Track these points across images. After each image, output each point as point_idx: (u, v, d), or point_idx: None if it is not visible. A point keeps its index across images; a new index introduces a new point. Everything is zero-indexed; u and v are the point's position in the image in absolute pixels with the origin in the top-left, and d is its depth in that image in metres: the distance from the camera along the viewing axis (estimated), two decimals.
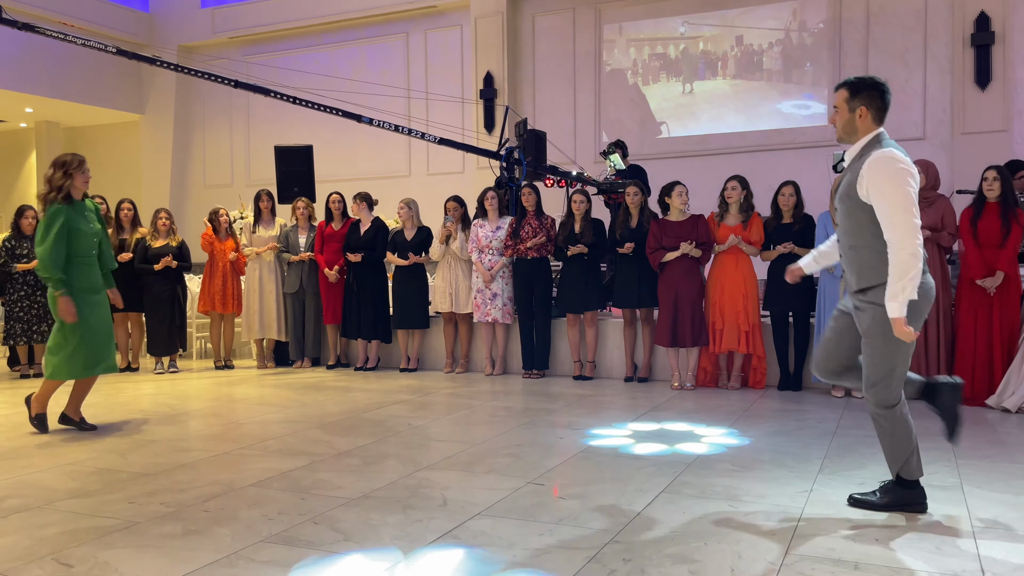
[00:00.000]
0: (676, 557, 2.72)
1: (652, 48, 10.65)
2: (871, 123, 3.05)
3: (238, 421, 5.19)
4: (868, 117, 3.06)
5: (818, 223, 5.94)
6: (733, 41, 10.27)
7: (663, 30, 10.57)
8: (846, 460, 4.00)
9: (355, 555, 2.77)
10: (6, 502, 3.41)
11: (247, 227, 7.98)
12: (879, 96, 3.06)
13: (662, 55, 10.61)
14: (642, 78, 10.70)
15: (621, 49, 10.78)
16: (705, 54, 10.42)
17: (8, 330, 7.37)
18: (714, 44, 10.37)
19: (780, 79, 10.10)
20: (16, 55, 11.11)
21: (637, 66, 10.72)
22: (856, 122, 3.08)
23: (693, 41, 10.47)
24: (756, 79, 10.19)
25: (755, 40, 10.20)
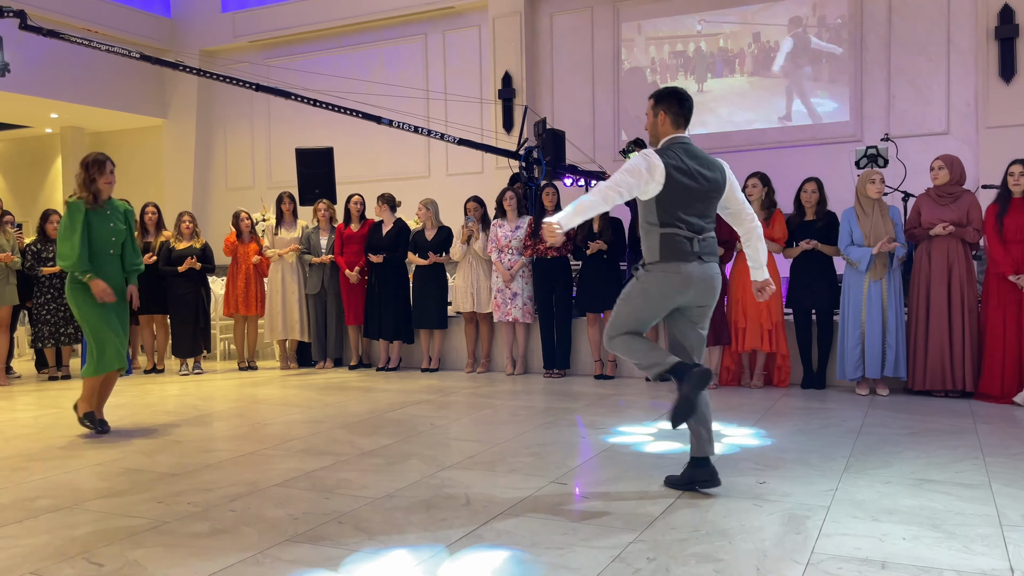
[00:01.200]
0: (701, 556, 2.71)
1: (671, 45, 10.61)
2: (670, 127, 3.44)
3: (262, 422, 5.24)
4: (668, 122, 3.44)
5: (842, 221, 5.88)
6: (751, 38, 10.21)
7: (682, 28, 10.53)
8: (871, 459, 3.96)
9: (379, 553, 2.79)
10: (37, 502, 3.46)
11: (269, 229, 8.05)
12: (677, 104, 3.43)
13: (681, 52, 10.57)
14: (661, 75, 10.66)
15: (640, 47, 10.75)
16: (723, 51, 10.36)
17: (36, 333, 7.48)
18: (733, 41, 10.31)
19: (800, 75, 10.02)
20: (41, 62, 11.28)
21: (656, 64, 10.68)
22: (658, 127, 3.47)
23: (711, 39, 10.42)
24: (775, 75, 10.12)
25: (773, 36, 10.13)
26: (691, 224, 3.33)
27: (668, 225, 3.33)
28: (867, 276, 5.73)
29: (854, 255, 5.74)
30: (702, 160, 3.39)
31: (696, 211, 3.35)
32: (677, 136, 3.43)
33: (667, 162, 3.29)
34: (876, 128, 9.39)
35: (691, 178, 3.32)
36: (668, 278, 3.34)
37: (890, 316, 5.71)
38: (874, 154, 6.87)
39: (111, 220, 4.87)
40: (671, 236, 3.32)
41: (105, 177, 4.80)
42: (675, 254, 3.32)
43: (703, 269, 3.35)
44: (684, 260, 3.32)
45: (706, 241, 3.38)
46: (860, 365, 5.77)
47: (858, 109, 9.72)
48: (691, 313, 3.44)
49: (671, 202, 3.31)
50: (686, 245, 3.32)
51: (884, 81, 9.62)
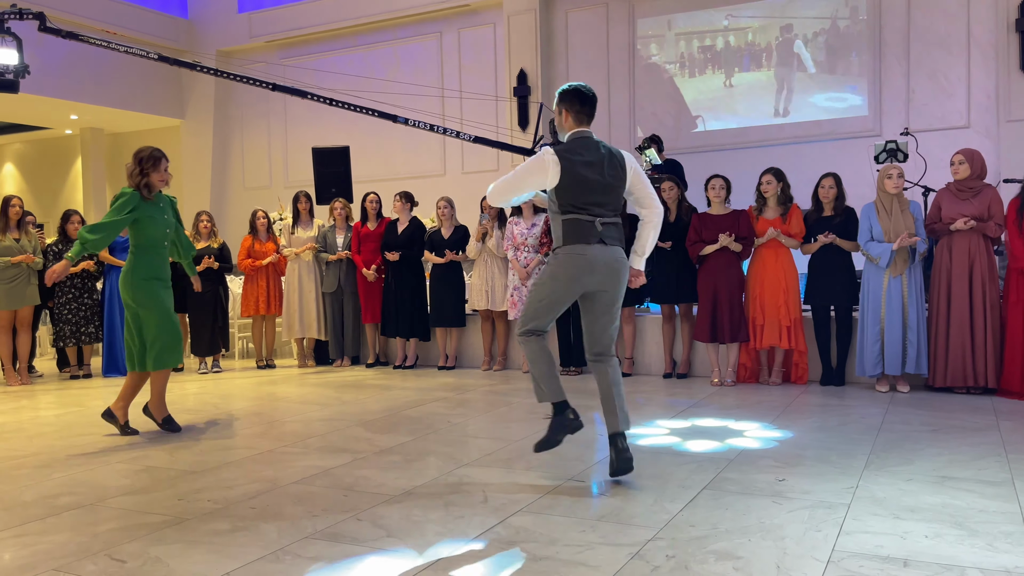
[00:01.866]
0: (720, 554, 2.70)
1: (688, 41, 10.55)
2: (573, 123, 3.64)
3: (281, 420, 5.27)
4: (570, 119, 3.64)
5: (862, 216, 5.83)
6: (778, 32, 10.14)
7: (700, 23, 10.47)
8: (892, 455, 3.93)
9: (398, 550, 2.80)
10: (60, 500, 3.50)
11: (286, 228, 8.09)
12: (578, 102, 3.62)
13: (699, 48, 10.51)
14: (678, 71, 10.61)
15: (657, 43, 10.70)
16: (743, 46, 10.29)
17: (57, 332, 7.56)
18: (754, 35, 10.24)
19: (821, 68, 9.94)
20: (61, 64, 11.39)
21: (672, 60, 10.63)
22: (563, 123, 3.67)
23: (730, 33, 10.36)
24: (796, 69, 10.04)
25: (796, 31, 10.05)
26: (591, 211, 3.52)
27: (569, 212, 3.54)
28: (887, 272, 5.68)
29: (874, 251, 5.69)
30: (603, 152, 3.59)
31: (596, 200, 3.54)
32: (579, 131, 3.63)
33: (562, 155, 3.52)
34: (895, 122, 9.30)
35: (588, 168, 3.53)
36: (572, 260, 3.52)
37: (910, 312, 5.65)
38: (893, 148, 6.80)
39: (163, 212, 4.85)
40: (573, 221, 3.53)
41: (159, 174, 4.76)
42: (577, 237, 3.52)
43: (606, 252, 3.53)
44: (586, 242, 3.51)
45: (607, 226, 3.55)
46: (880, 361, 5.72)
47: (877, 103, 9.63)
48: (599, 299, 3.60)
49: (570, 191, 3.52)
50: (588, 228, 3.51)
51: (903, 75, 9.52)
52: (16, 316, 7.24)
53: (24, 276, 7.20)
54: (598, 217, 3.52)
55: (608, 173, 3.56)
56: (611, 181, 3.56)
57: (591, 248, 3.51)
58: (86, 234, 4.61)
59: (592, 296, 3.60)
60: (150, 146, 4.87)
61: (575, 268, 3.52)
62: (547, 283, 3.59)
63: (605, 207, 3.55)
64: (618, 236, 3.59)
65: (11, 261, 7.08)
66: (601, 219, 3.52)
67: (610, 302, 3.60)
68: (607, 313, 3.62)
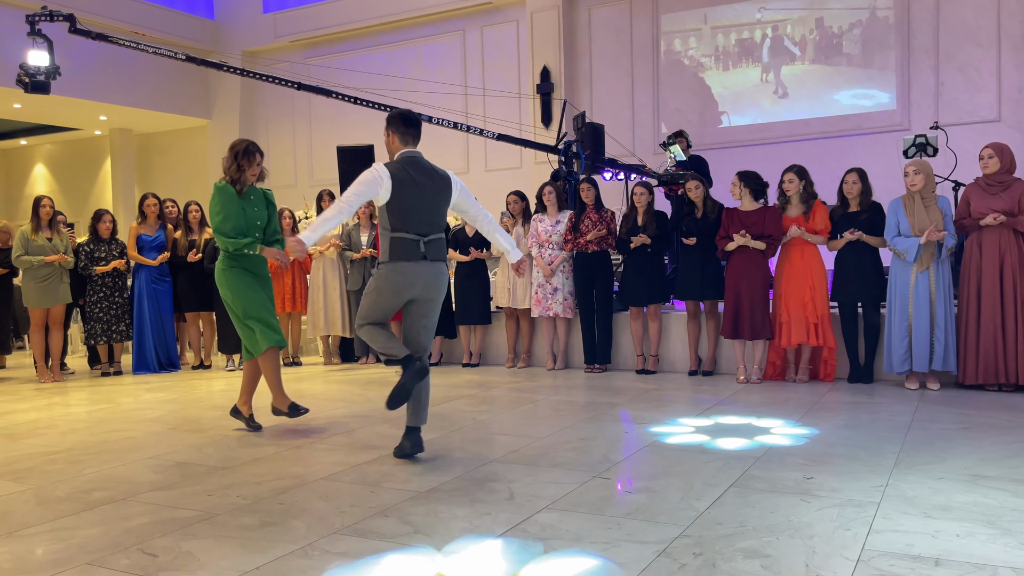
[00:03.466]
0: (748, 552, 2.68)
1: (713, 36, 10.48)
2: (399, 144, 3.94)
3: (307, 416, 5.30)
4: (396, 140, 3.94)
5: (889, 211, 5.76)
6: (813, 25, 10.04)
7: (734, 17, 10.39)
8: (922, 454, 3.88)
9: (425, 547, 2.81)
10: (93, 494, 3.56)
11: None
12: (403, 125, 3.94)
13: (736, 41, 10.43)
14: (703, 67, 10.54)
15: (682, 38, 10.64)
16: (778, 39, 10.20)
17: (88, 330, 7.68)
18: (776, 30, 10.15)
19: (849, 63, 9.83)
20: (90, 66, 11.55)
21: (708, 53, 10.55)
22: (391, 144, 3.96)
23: (767, 26, 10.28)
24: (819, 63, 9.94)
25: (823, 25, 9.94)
26: (417, 228, 3.82)
27: (397, 230, 3.82)
28: (914, 267, 5.60)
29: (901, 246, 5.62)
30: (428, 172, 3.90)
31: (422, 217, 3.84)
32: (406, 151, 3.92)
33: (392, 173, 3.79)
34: (925, 116, 9.17)
35: (415, 187, 3.82)
36: (396, 276, 3.83)
37: (938, 308, 5.58)
38: (923, 143, 6.70)
39: (255, 205, 4.83)
40: (399, 239, 3.82)
41: (252, 169, 4.77)
42: (402, 255, 3.81)
43: (429, 267, 3.86)
44: (410, 259, 3.82)
45: (432, 243, 3.86)
46: (907, 359, 5.65)
47: (906, 97, 9.50)
48: (419, 306, 3.92)
49: (398, 209, 3.81)
50: (412, 247, 3.81)
51: (932, 68, 9.39)
52: (49, 314, 7.36)
53: (56, 275, 7.32)
54: (423, 237, 3.83)
55: (433, 192, 3.88)
56: (437, 199, 3.89)
57: (415, 265, 3.82)
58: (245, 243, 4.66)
59: (416, 303, 3.91)
60: (245, 139, 4.87)
61: (397, 283, 3.84)
62: (373, 293, 3.89)
63: (431, 225, 3.87)
64: (441, 252, 3.91)
65: (44, 260, 7.20)
66: (425, 238, 3.83)
67: (427, 310, 3.93)
68: (424, 318, 3.94)
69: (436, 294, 3.93)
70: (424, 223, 3.85)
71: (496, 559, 2.69)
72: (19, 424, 5.28)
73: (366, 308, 3.93)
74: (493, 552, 2.75)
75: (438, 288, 3.93)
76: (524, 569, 2.59)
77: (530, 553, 2.73)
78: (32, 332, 7.43)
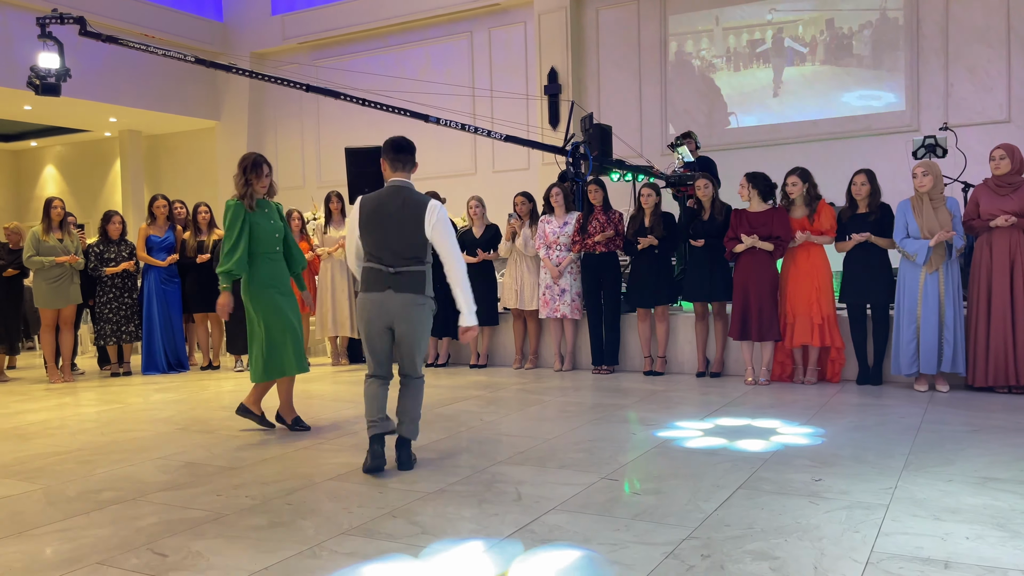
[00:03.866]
0: (756, 554, 2.68)
1: (723, 37, 10.46)
2: (390, 172, 3.95)
3: (315, 417, 5.32)
4: (387, 168, 3.95)
5: (897, 213, 5.74)
6: (823, 26, 10.01)
7: (744, 18, 10.37)
8: (932, 456, 3.87)
9: (432, 547, 2.82)
10: (103, 494, 3.58)
11: (319, 228, 8.18)
12: (392, 152, 3.94)
13: (734, 44, 10.42)
14: (712, 67, 10.53)
15: (693, 38, 10.62)
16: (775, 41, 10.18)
17: (98, 331, 7.72)
18: (785, 31, 10.13)
19: (857, 63, 9.80)
20: (100, 68, 11.61)
21: (708, 56, 10.54)
22: (383, 173, 3.97)
23: (764, 28, 10.26)
24: (829, 64, 9.91)
25: (833, 26, 9.92)
26: (384, 259, 3.82)
27: (369, 260, 3.88)
28: (923, 269, 5.58)
29: (910, 248, 5.60)
30: (403, 202, 3.84)
31: (392, 247, 3.81)
32: (393, 179, 3.93)
33: (363, 203, 3.89)
34: (934, 117, 9.13)
35: (384, 217, 3.82)
36: (365, 305, 3.86)
37: (947, 310, 5.55)
38: (932, 144, 6.68)
39: (270, 218, 4.79)
40: (368, 269, 3.87)
41: (261, 181, 4.74)
42: (371, 285, 3.85)
43: (396, 298, 3.81)
44: (378, 290, 3.82)
45: (400, 275, 3.81)
46: (916, 360, 5.63)
47: (915, 98, 9.47)
48: (397, 334, 3.88)
49: (368, 238, 3.86)
50: (380, 277, 3.82)
51: (942, 69, 9.35)
52: (59, 315, 7.41)
53: (67, 276, 7.36)
54: (390, 266, 3.80)
55: (404, 222, 3.82)
56: (407, 231, 3.82)
57: (380, 295, 3.82)
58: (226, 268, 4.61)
59: (393, 332, 3.88)
60: (253, 153, 4.86)
61: (368, 312, 3.85)
62: (358, 325, 3.99)
63: (400, 256, 3.81)
64: (413, 283, 3.83)
65: (54, 261, 7.24)
66: (393, 268, 3.80)
67: (404, 336, 3.87)
68: (403, 345, 3.89)
69: (407, 325, 3.83)
70: (393, 253, 3.81)
71: (505, 560, 2.69)
72: (30, 424, 5.32)
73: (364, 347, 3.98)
74: (502, 553, 2.75)
75: (407, 319, 3.83)
76: (529, 568, 2.59)
77: (539, 554, 2.73)
78: (43, 332, 7.47)
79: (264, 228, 4.72)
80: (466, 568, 2.64)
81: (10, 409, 5.94)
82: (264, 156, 4.88)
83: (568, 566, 2.62)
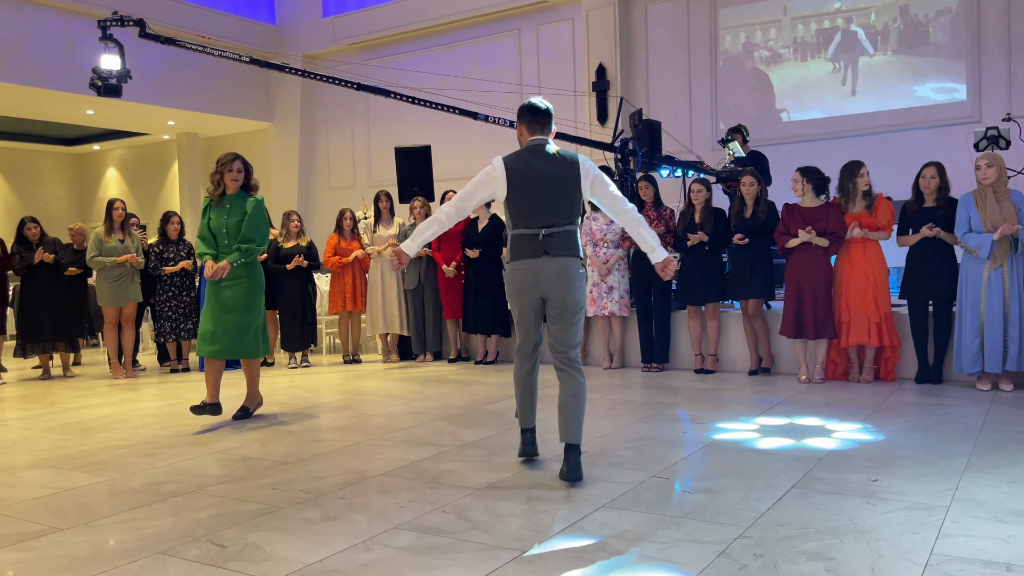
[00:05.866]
0: (810, 554, 2.63)
1: (766, 31, 10.28)
2: (527, 134, 3.67)
3: (367, 413, 5.40)
4: (524, 132, 3.68)
5: (959, 206, 5.57)
6: (897, 13, 9.77)
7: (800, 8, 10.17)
8: (995, 457, 3.75)
9: (482, 543, 2.84)
10: (164, 487, 3.69)
11: (368, 227, 8.29)
12: (529, 114, 3.66)
13: (794, 35, 10.22)
14: (765, 60, 10.35)
15: (747, 31, 10.45)
16: (840, 31, 9.96)
17: (158, 328, 7.95)
18: (831, 21, 9.91)
19: (915, 52, 9.53)
20: (159, 73, 11.94)
21: (762, 48, 10.36)
22: (520, 138, 3.70)
23: (833, 16, 10.04)
24: (902, 54, 9.66)
25: (907, 13, 9.66)
26: (539, 219, 3.51)
27: (516, 226, 3.59)
28: (987, 264, 5.41)
29: (973, 242, 5.43)
30: (551, 158, 3.55)
31: (543, 208, 3.52)
32: (532, 139, 3.63)
33: (508, 165, 3.56)
34: (996, 108, 8.83)
35: (533, 176, 3.52)
36: (517, 275, 3.58)
37: (1012, 306, 5.37)
38: (995, 135, 6.46)
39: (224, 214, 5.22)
40: (517, 236, 3.58)
41: (231, 175, 5.17)
42: (522, 251, 3.56)
43: (551, 263, 3.51)
44: (532, 256, 3.53)
45: (554, 237, 3.51)
46: (979, 359, 5.46)
47: (976, 88, 9.17)
48: (551, 306, 3.58)
49: (516, 201, 3.56)
50: (532, 242, 3.51)
51: (1004, 57, 9.03)
52: (121, 313, 7.64)
53: (128, 275, 7.59)
54: (543, 228, 3.51)
55: (556, 178, 3.53)
56: (561, 187, 3.53)
57: (535, 262, 3.53)
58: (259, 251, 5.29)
59: (548, 304, 3.60)
60: (229, 152, 5.31)
61: (521, 283, 3.59)
62: (509, 300, 3.73)
63: (553, 215, 3.52)
64: (569, 245, 3.54)
65: (116, 261, 7.47)
66: (546, 230, 3.51)
67: (562, 308, 3.56)
68: (558, 320, 3.58)
69: (565, 292, 3.53)
70: (547, 214, 3.51)
71: (554, 556, 2.70)
72: (94, 419, 5.50)
73: (514, 320, 3.75)
74: (551, 549, 2.76)
75: (565, 285, 3.52)
76: (579, 565, 2.60)
77: (589, 552, 2.73)
78: (106, 330, 7.71)
79: (215, 222, 5.17)
80: (517, 564, 2.65)
81: (75, 404, 6.16)
82: (239, 154, 5.29)
83: (619, 563, 2.62)
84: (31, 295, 7.72)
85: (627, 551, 2.72)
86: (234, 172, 5.14)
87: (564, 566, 2.61)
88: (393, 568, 2.64)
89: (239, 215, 5.16)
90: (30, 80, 10.71)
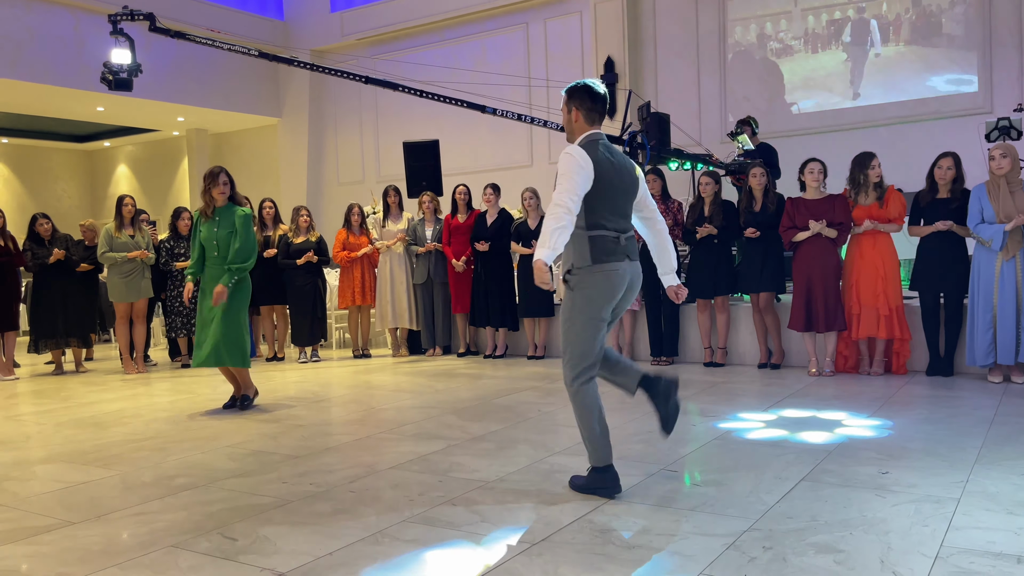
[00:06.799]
0: (820, 546, 2.63)
1: (776, 22, 10.22)
2: (584, 124, 3.28)
3: (377, 407, 5.42)
4: (581, 118, 3.28)
5: (972, 198, 5.52)
6: (910, 4, 9.71)
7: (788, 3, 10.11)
8: (1006, 449, 3.73)
9: (492, 535, 2.85)
10: (176, 480, 3.71)
11: (377, 222, 8.30)
12: (589, 99, 3.26)
13: (805, 26, 10.16)
14: (775, 52, 10.29)
15: (756, 23, 10.39)
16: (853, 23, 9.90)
17: (169, 324, 7.99)
18: (842, 12, 9.84)
19: (926, 44, 9.46)
20: (168, 70, 11.98)
21: (772, 40, 10.30)
22: (572, 123, 3.30)
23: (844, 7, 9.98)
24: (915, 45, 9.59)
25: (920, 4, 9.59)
26: (617, 223, 3.22)
27: (595, 227, 3.19)
28: (999, 255, 5.37)
29: (985, 233, 5.39)
30: (620, 157, 3.28)
31: (619, 209, 3.24)
32: (594, 132, 3.28)
33: (596, 159, 3.16)
34: (1008, 99, 8.76)
35: (616, 174, 3.22)
36: (604, 279, 3.19)
37: None
38: (1006, 126, 6.42)
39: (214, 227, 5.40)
40: (600, 238, 3.19)
41: (218, 188, 5.36)
42: (608, 254, 3.19)
43: (633, 268, 3.27)
44: (616, 259, 3.21)
45: (630, 240, 3.28)
46: (992, 351, 5.43)
47: (987, 78, 9.09)
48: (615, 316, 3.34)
49: (599, 200, 3.17)
50: (614, 245, 3.20)
51: (1016, 48, 8.95)
52: (132, 308, 7.68)
53: (139, 270, 7.63)
54: (623, 232, 3.24)
55: (628, 181, 3.27)
56: (629, 190, 3.28)
57: (621, 265, 3.22)
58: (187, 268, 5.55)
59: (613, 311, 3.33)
60: (215, 166, 5.51)
61: (608, 288, 3.20)
62: (584, 310, 3.22)
63: (626, 219, 3.29)
64: (636, 251, 3.32)
65: (127, 257, 7.51)
66: (625, 234, 3.25)
67: (620, 313, 3.38)
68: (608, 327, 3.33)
69: (630, 301, 3.35)
70: (621, 217, 3.25)
71: (564, 548, 2.71)
72: (106, 413, 5.54)
73: (577, 336, 3.24)
74: (561, 542, 2.77)
75: (637, 291, 3.35)
76: (594, 561, 2.60)
77: (599, 544, 2.74)
78: (117, 325, 7.76)
79: (205, 235, 5.38)
80: (526, 556, 2.66)
81: (88, 399, 6.20)
82: (223, 167, 5.49)
83: (628, 556, 2.62)
84: (43, 291, 7.78)
85: (636, 544, 2.72)
86: (220, 186, 5.36)
87: (573, 559, 2.61)
88: (403, 561, 2.65)
89: (228, 227, 5.35)
90: (41, 77, 10.77)
